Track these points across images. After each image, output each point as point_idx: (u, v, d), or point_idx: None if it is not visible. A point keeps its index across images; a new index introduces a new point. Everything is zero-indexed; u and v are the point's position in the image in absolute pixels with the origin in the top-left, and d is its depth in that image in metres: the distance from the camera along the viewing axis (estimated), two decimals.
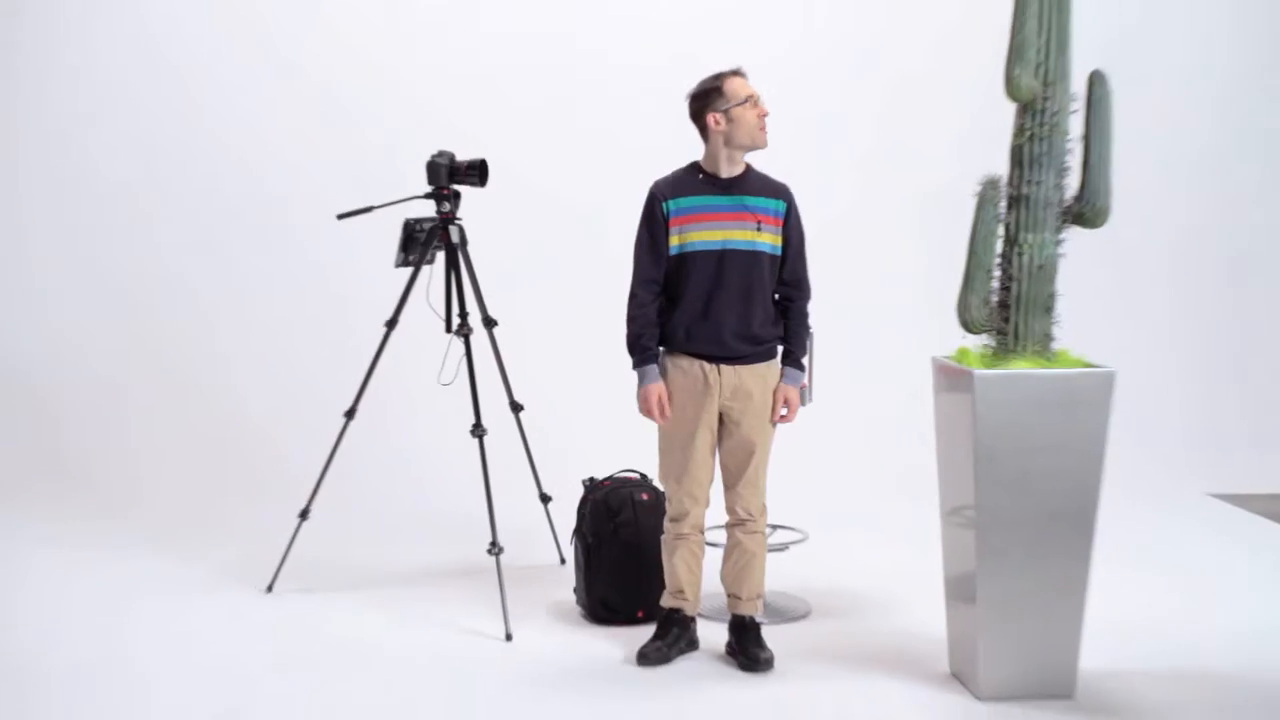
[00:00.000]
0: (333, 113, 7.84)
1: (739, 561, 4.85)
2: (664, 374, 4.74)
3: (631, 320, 4.73)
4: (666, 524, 4.87)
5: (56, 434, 7.65)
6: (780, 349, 4.89)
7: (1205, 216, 8.21)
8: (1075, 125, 4.44)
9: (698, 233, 4.70)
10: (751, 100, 4.67)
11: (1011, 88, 4.36)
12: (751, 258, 4.74)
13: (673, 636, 4.84)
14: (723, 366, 4.72)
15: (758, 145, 4.72)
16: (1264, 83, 8.26)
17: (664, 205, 4.71)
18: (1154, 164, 7.79)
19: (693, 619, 4.91)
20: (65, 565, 6.04)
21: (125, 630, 5.22)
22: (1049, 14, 4.36)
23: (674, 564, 4.83)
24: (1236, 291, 8.27)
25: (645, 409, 4.72)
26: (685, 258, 4.70)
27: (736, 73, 4.71)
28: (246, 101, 7.88)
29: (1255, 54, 8.27)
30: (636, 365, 4.71)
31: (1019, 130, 4.45)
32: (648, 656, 4.78)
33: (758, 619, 4.89)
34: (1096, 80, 4.40)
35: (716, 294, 4.71)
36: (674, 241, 4.71)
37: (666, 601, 4.88)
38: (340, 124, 7.80)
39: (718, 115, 4.65)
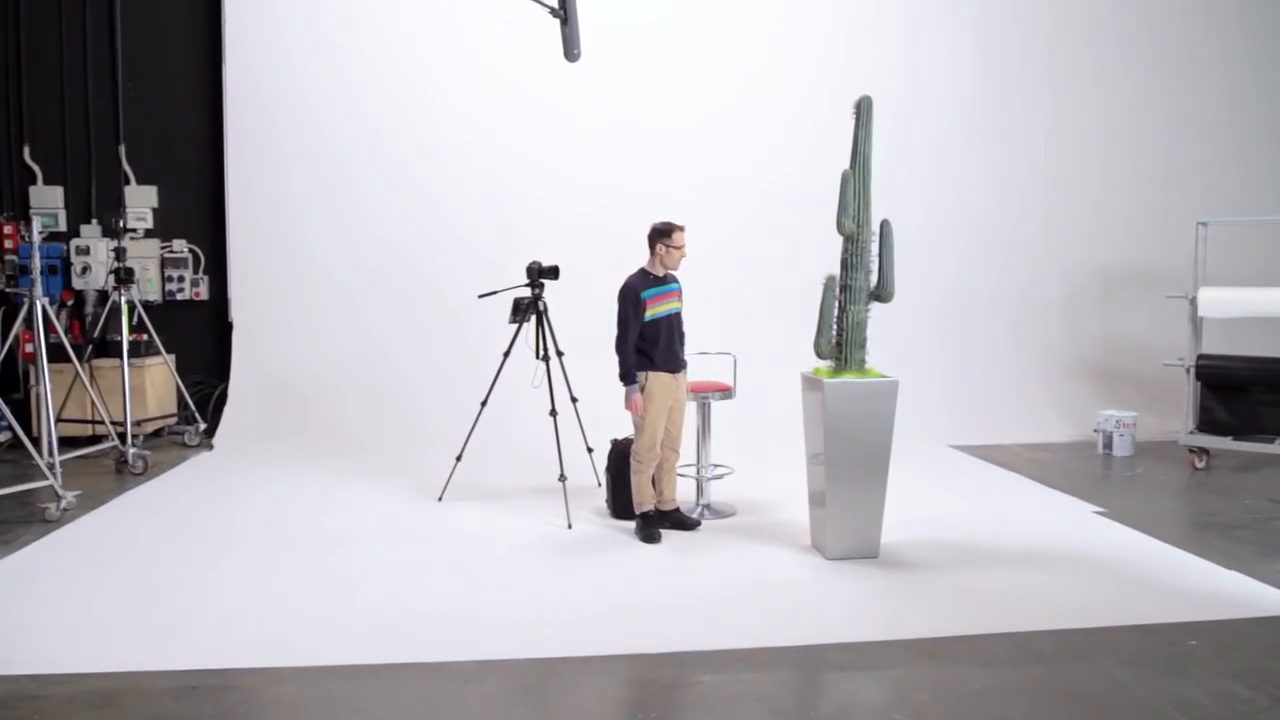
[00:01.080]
0: (475, 240, 7.75)
1: (669, 478, 5.05)
2: (649, 384, 4.82)
3: (625, 359, 4.81)
4: (640, 464, 4.90)
5: (311, 414, 7.39)
6: None
7: (946, 292, 8.17)
8: (874, 248, 4.56)
9: (659, 307, 4.85)
10: (683, 247, 4.86)
11: (839, 227, 4.53)
12: (679, 316, 4.96)
13: (655, 523, 4.95)
14: (677, 375, 4.92)
15: (676, 267, 4.93)
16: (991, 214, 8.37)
17: (641, 294, 4.82)
18: (920, 262, 7.75)
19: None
20: (327, 487, 6.02)
21: (362, 519, 5.31)
22: (859, 187, 4.51)
23: (645, 485, 4.92)
24: (971, 331, 8.20)
25: (632, 407, 4.83)
26: (656, 321, 4.83)
27: (682, 228, 4.87)
28: (429, 230, 7.84)
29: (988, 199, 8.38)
30: (629, 384, 4.80)
31: (845, 250, 4.59)
32: (653, 538, 4.86)
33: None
34: (885, 225, 4.55)
35: (672, 338, 4.89)
36: (648, 314, 4.81)
37: (645, 507, 4.95)
38: (478, 244, 7.69)
39: (662, 247, 4.84)
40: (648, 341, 4.85)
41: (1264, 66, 8.65)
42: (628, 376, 4.82)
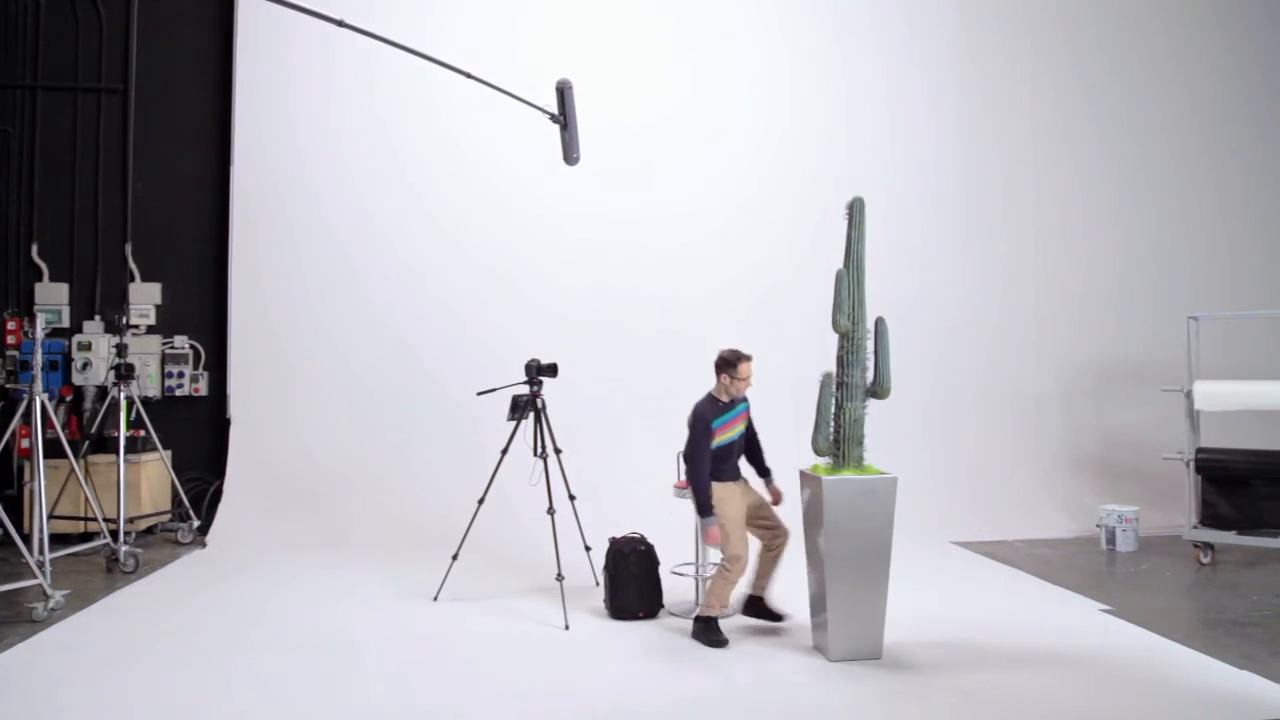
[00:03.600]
0: (474, 338, 7.89)
1: (776, 565, 4.98)
2: (716, 495, 4.72)
3: (700, 491, 4.70)
4: (729, 571, 4.69)
5: (306, 511, 7.34)
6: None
7: (943, 388, 8.27)
8: (870, 345, 4.62)
9: (726, 434, 4.83)
10: (748, 379, 4.85)
11: (835, 325, 4.60)
12: (743, 438, 4.97)
13: (719, 629, 4.78)
14: (740, 483, 4.92)
15: (742, 396, 4.91)
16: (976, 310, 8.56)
17: (711, 423, 4.78)
18: (915, 359, 7.87)
19: None
20: (321, 585, 5.94)
21: (355, 619, 5.20)
22: (853, 286, 4.59)
23: (725, 592, 4.76)
24: (969, 426, 8.24)
25: (713, 538, 4.66)
26: (722, 446, 4.82)
27: (749, 359, 4.87)
28: (429, 330, 7.95)
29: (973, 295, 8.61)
30: (706, 514, 4.67)
31: (840, 348, 4.64)
32: (719, 642, 4.72)
33: None
34: (880, 322, 4.62)
35: (735, 456, 4.90)
36: (715, 441, 4.78)
37: (714, 612, 4.77)
38: (477, 342, 7.83)
39: (727, 378, 4.83)
40: (716, 460, 4.81)
41: (1250, 161, 8.91)
42: (704, 508, 4.69)
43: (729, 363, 4.86)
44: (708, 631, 4.78)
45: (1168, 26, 8.90)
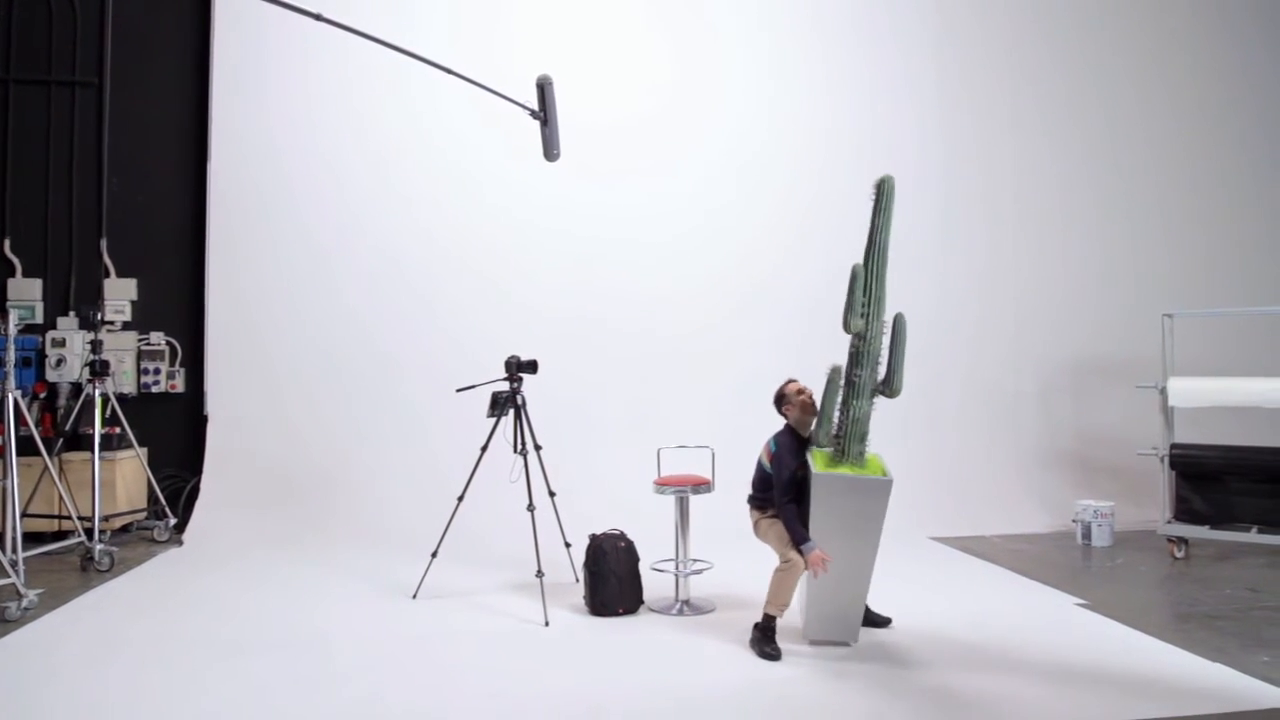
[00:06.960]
0: (454, 335, 7.89)
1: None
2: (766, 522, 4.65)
3: (794, 526, 4.46)
4: (787, 567, 4.46)
5: (284, 509, 7.32)
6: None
7: (922, 384, 8.23)
8: (885, 342, 4.52)
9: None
10: (800, 392, 4.70)
11: (846, 326, 4.51)
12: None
13: (774, 636, 4.56)
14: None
15: (814, 414, 4.65)
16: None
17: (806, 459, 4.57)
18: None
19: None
20: (299, 584, 5.90)
21: (333, 617, 5.16)
22: (871, 281, 4.50)
23: (790, 589, 4.51)
24: (947, 423, 8.30)
25: (816, 562, 4.38)
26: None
27: (791, 380, 4.77)
28: (408, 327, 7.94)
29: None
30: (803, 542, 4.41)
31: (853, 345, 4.54)
32: (772, 655, 4.46)
33: None
34: (898, 318, 4.54)
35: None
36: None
37: (773, 611, 4.52)
38: (457, 339, 7.83)
39: (787, 407, 4.70)
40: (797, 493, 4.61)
41: (1225, 161, 9.02)
42: (802, 536, 4.43)
43: (781, 397, 4.76)
44: (763, 642, 4.54)
45: (1147, 28, 9.00)
